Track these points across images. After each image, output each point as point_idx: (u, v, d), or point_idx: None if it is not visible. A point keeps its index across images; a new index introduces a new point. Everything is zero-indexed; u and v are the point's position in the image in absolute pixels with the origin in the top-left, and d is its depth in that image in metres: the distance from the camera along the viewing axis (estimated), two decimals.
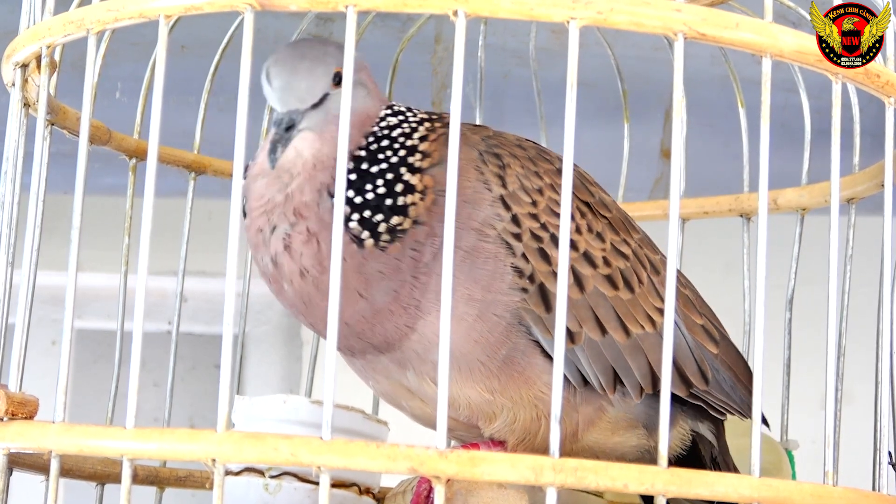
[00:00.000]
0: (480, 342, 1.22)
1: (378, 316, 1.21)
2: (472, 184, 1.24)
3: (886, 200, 1.16)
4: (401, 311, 1.21)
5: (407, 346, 1.23)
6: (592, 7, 1.03)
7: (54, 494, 1.08)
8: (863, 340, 1.57)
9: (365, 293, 1.21)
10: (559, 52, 2.24)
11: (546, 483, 1.00)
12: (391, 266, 1.20)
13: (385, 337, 1.23)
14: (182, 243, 1.62)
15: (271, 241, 1.22)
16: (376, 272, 1.20)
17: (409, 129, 1.24)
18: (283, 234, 1.21)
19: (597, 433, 1.28)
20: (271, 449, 1.00)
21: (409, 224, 1.20)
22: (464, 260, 1.21)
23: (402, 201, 1.20)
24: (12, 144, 1.28)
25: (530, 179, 1.25)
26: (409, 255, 1.20)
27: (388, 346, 1.24)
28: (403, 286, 1.20)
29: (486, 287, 1.21)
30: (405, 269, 1.20)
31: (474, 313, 1.21)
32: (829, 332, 1.09)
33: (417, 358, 1.23)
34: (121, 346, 1.56)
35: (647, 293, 1.29)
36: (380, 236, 1.20)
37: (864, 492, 1.09)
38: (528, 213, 1.24)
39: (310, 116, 1.21)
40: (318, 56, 1.22)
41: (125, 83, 2.32)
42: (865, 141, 1.59)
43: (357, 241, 1.20)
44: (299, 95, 1.21)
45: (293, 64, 1.22)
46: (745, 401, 1.35)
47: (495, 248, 1.22)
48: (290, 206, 1.21)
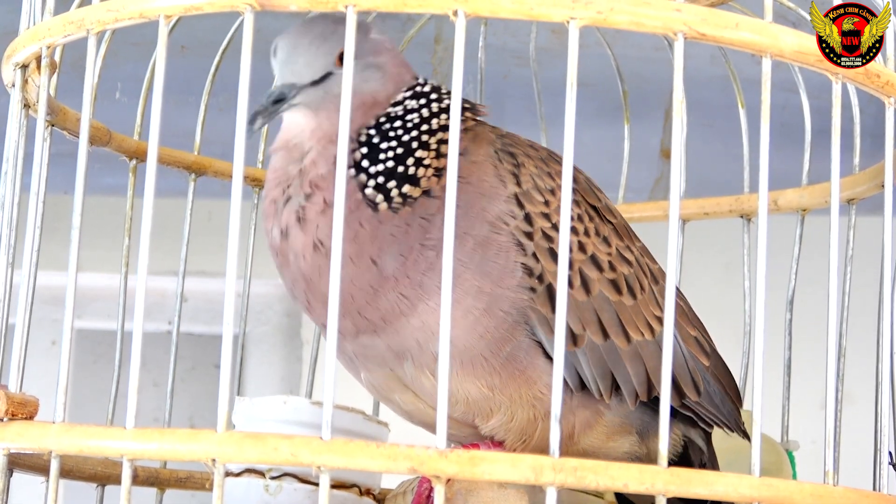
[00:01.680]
0: (485, 337, 1.22)
1: (384, 284, 1.21)
2: (490, 179, 1.24)
3: (887, 201, 1.16)
4: (405, 281, 1.21)
5: (407, 332, 1.22)
6: (592, 7, 1.03)
7: (54, 495, 1.08)
8: (863, 341, 1.56)
9: (378, 259, 1.21)
10: (559, 52, 2.24)
11: (546, 483, 1.00)
12: (401, 229, 1.21)
13: (384, 311, 1.22)
14: (182, 244, 1.62)
15: (283, 211, 1.22)
16: (388, 235, 1.21)
17: (429, 113, 1.24)
18: (296, 206, 1.22)
19: (592, 437, 1.28)
20: (271, 449, 1.00)
21: (418, 193, 1.21)
22: (475, 250, 1.21)
23: (412, 171, 1.21)
24: (12, 145, 1.28)
25: (543, 180, 1.25)
26: (418, 223, 1.21)
27: (384, 324, 1.23)
28: (411, 252, 1.20)
29: (497, 282, 1.21)
30: (413, 234, 1.21)
31: (482, 307, 1.21)
32: (830, 333, 1.09)
33: (417, 347, 1.23)
34: (121, 346, 1.56)
35: (647, 301, 1.29)
36: (392, 200, 1.20)
37: (865, 492, 1.09)
38: (541, 212, 1.24)
39: (306, 93, 1.21)
40: (324, 33, 1.22)
41: (125, 83, 2.32)
42: (866, 141, 1.59)
43: (372, 205, 1.20)
44: (296, 70, 1.21)
45: (297, 38, 1.22)
46: (732, 414, 1.36)
47: (507, 242, 1.22)
48: (306, 179, 1.22)
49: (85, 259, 1.46)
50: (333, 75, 1.21)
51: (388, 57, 1.26)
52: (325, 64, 1.21)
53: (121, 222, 1.56)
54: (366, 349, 1.25)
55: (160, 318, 2.98)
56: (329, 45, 1.21)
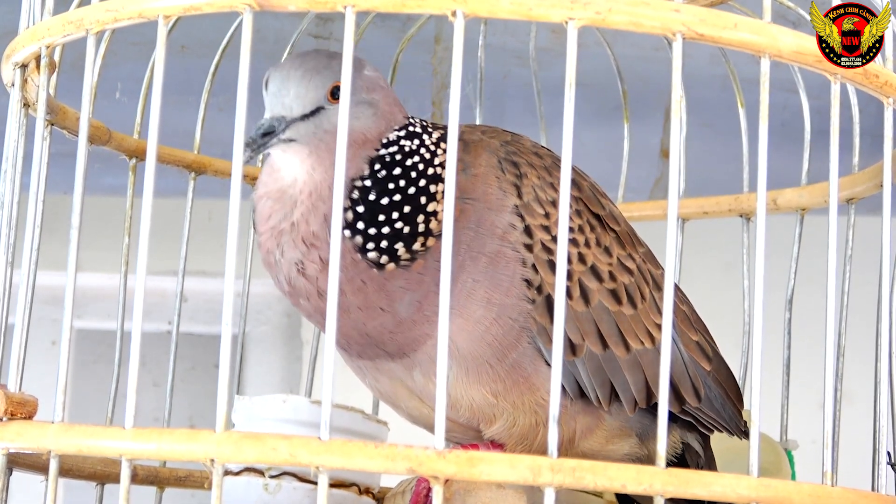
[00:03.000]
0: (493, 345, 1.22)
1: (401, 326, 1.20)
2: (495, 191, 1.23)
3: (885, 200, 1.16)
4: (423, 320, 1.20)
5: (422, 350, 1.22)
6: (591, 7, 1.03)
7: (53, 494, 1.08)
8: (862, 340, 1.57)
9: (388, 308, 1.19)
10: (559, 52, 2.24)
11: (544, 483, 0.99)
12: (414, 280, 1.19)
13: (402, 345, 1.22)
14: (182, 243, 1.62)
15: (283, 264, 1.20)
16: (399, 288, 1.19)
17: (430, 154, 1.21)
18: (295, 261, 1.19)
19: (592, 441, 1.28)
20: (270, 449, 1.00)
21: (432, 242, 1.18)
22: (487, 266, 1.20)
23: (423, 228, 1.18)
24: (12, 144, 1.28)
25: (545, 191, 1.24)
26: (433, 267, 1.18)
27: (402, 354, 1.23)
28: (427, 296, 1.19)
29: (506, 291, 1.21)
30: (429, 280, 1.19)
31: (492, 316, 1.21)
32: (829, 332, 1.09)
33: (429, 360, 1.22)
34: (121, 346, 1.56)
35: (648, 309, 1.28)
36: (400, 259, 1.18)
37: (864, 492, 1.08)
38: (541, 224, 1.23)
39: (296, 127, 1.17)
40: (316, 66, 1.18)
41: (125, 83, 2.32)
42: (865, 141, 1.59)
43: (377, 265, 1.18)
44: (286, 102, 1.17)
45: (289, 71, 1.18)
46: (733, 418, 1.35)
47: (514, 253, 1.22)
48: (298, 234, 1.19)
49: (84, 259, 1.47)
50: (325, 110, 1.17)
51: (381, 95, 1.22)
52: (317, 98, 1.17)
53: (120, 222, 1.56)
54: (378, 365, 1.26)
55: (160, 318, 2.98)
56: (321, 79, 1.17)
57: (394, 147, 1.20)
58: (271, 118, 1.17)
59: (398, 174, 1.19)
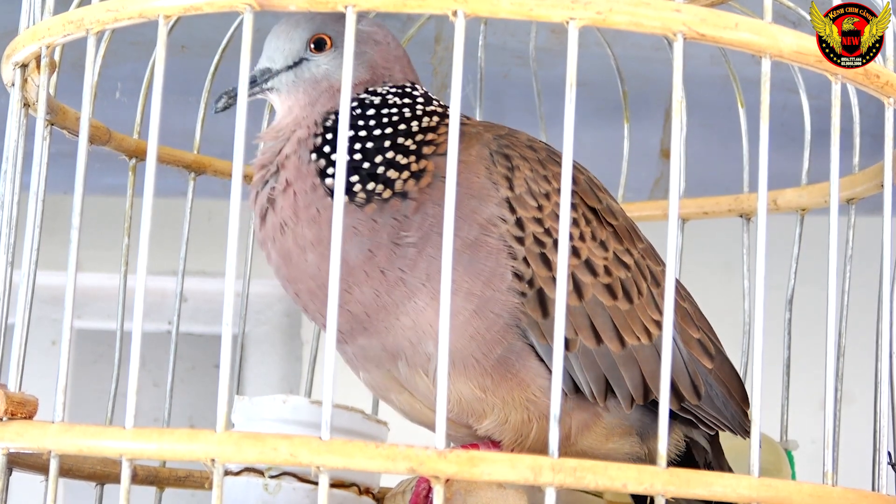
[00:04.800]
0: (476, 339, 1.21)
1: (353, 275, 1.21)
2: (481, 180, 1.23)
3: (886, 201, 1.16)
4: (379, 277, 1.21)
5: (399, 332, 1.22)
6: (591, 7, 1.03)
7: (53, 494, 1.08)
8: (862, 340, 1.57)
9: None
10: (559, 52, 2.24)
11: (545, 483, 0.99)
12: (366, 224, 1.21)
13: (364, 306, 1.22)
14: (182, 243, 1.62)
15: (260, 197, 1.25)
16: (349, 227, 1.21)
17: (411, 114, 1.25)
18: (269, 189, 1.25)
19: (591, 438, 1.28)
20: (270, 449, 1.00)
21: (388, 194, 1.21)
22: (463, 251, 1.21)
23: (381, 171, 1.22)
24: (12, 144, 1.28)
25: (538, 183, 1.25)
26: (389, 223, 1.21)
27: (369, 319, 1.22)
28: (380, 249, 1.21)
29: (487, 283, 1.21)
30: (381, 232, 1.21)
31: (471, 308, 1.21)
32: (829, 332, 1.09)
33: (410, 347, 1.23)
34: (121, 346, 1.56)
35: (646, 305, 1.28)
36: (355, 195, 1.21)
37: (864, 492, 1.08)
38: (533, 217, 1.23)
39: (278, 77, 1.26)
40: (298, 21, 1.26)
41: (125, 83, 2.32)
42: (865, 141, 1.59)
43: (331, 193, 1.22)
44: (270, 55, 1.27)
45: (276, 27, 1.27)
46: (736, 417, 1.35)
47: (498, 245, 1.22)
48: (277, 162, 1.25)
49: (84, 259, 1.47)
50: (307, 61, 1.26)
51: (373, 48, 1.28)
52: (298, 49, 1.26)
53: (120, 222, 1.56)
54: (363, 350, 1.25)
55: (160, 318, 2.98)
56: (300, 32, 1.26)
57: (377, 98, 1.26)
58: (256, 70, 1.27)
59: (371, 115, 1.24)
